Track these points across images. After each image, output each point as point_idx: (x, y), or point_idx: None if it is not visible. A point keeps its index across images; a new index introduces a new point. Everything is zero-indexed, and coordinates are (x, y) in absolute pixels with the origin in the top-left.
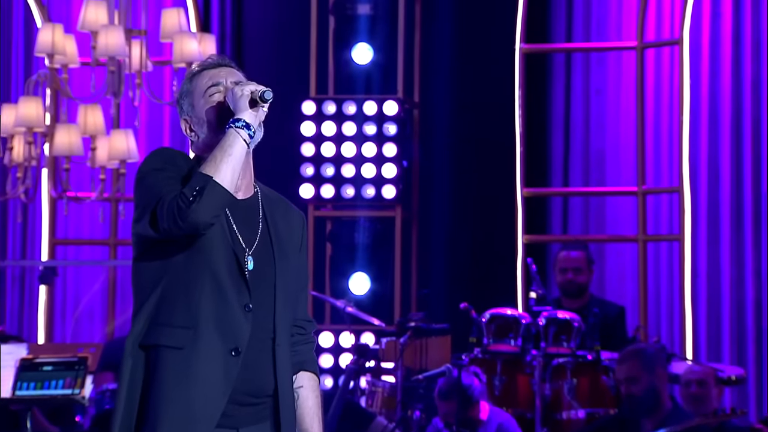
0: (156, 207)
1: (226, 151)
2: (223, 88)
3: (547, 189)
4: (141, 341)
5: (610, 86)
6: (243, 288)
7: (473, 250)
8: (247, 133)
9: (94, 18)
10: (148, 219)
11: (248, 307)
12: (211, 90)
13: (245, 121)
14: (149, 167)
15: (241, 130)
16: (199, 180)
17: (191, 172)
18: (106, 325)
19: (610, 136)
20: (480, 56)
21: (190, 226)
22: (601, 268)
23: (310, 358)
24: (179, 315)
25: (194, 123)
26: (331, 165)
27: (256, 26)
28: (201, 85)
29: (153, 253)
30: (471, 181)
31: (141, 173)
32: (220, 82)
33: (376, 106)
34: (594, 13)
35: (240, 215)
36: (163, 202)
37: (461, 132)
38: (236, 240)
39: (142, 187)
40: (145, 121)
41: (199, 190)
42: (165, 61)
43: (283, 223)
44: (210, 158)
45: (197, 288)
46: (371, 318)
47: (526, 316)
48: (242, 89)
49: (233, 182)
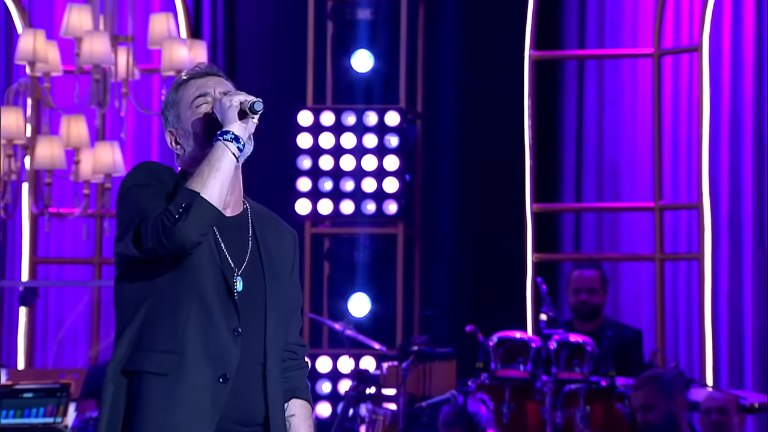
0: (140, 225)
1: (213, 166)
2: (211, 98)
3: (559, 204)
4: (123, 367)
5: (626, 95)
6: (232, 311)
7: (480, 269)
8: (236, 146)
9: (77, 23)
10: (131, 237)
11: (237, 331)
12: (198, 101)
13: (234, 134)
14: (132, 182)
15: (230, 143)
16: (185, 196)
17: (177, 188)
18: (90, 350)
19: (625, 148)
20: (487, 64)
21: (176, 246)
22: (615, 289)
23: (302, 385)
24: (164, 339)
25: (180, 135)
26: (329, 179)
27: (250, 32)
28: (187, 95)
29: (136, 274)
30: (477, 196)
31: (123, 189)
32: (208, 93)
33: (377, 116)
34: (608, 18)
35: (228, 233)
36: (147, 219)
37: (467, 144)
38: (224, 260)
39: (124, 203)
40: (131, 132)
41: (185, 207)
42: (153, 69)
43: (273, 241)
44: (197, 173)
45: (183, 311)
46: (372, 341)
47: (536, 340)
48: (230, 99)
49: (221, 198)
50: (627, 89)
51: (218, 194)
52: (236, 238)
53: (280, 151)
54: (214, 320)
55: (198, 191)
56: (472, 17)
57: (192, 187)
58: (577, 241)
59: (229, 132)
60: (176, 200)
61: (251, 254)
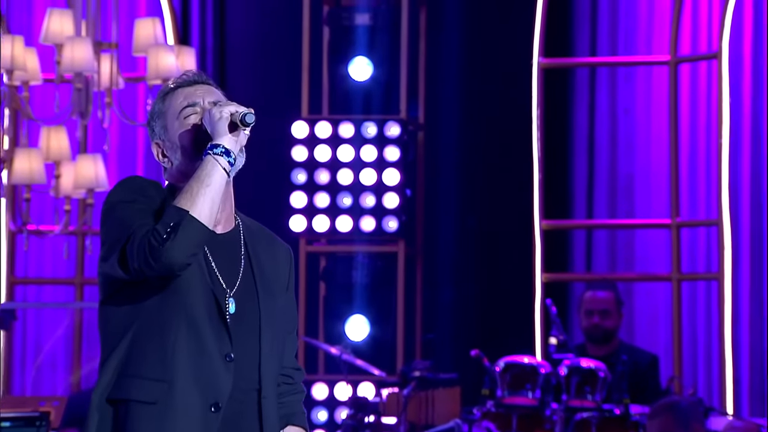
0: (125, 245)
1: (203, 182)
2: (200, 108)
3: (569, 221)
4: (109, 395)
5: (640, 105)
6: (224, 335)
7: (485, 290)
8: (227, 160)
9: (58, 29)
10: (116, 258)
11: (229, 357)
12: (187, 111)
13: (224, 147)
14: (116, 198)
15: (220, 157)
16: (173, 215)
17: (165, 204)
18: (70, 376)
19: (640, 161)
20: (493, 71)
21: (164, 267)
22: (630, 311)
23: (298, 411)
24: (152, 366)
25: (167, 148)
26: (325, 194)
27: (241, 38)
28: (175, 105)
29: (122, 296)
30: (483, 212)
31: (107, 205)
32: (197, 102)
33: (376, 127)
34: (621, 23)
35: (220, 252)
36: (134, 239)
37: (472, 157)
38: (216, 280)
39: (108, 221)
40: (115, 145)
41: (173, 226)
42: (138, 77)
43: (267, 259)
44: (185, 189)
45: (172, 335)
46: (370, 367)
47: (546, 365)
48: (220, 111)
49: (212, 216)
50: (641, 98)
51: (208, 212)
52: (228, 257)
53: (273, 164)
54: (205, 345)
55: (187, 209)
56: (477, 22)
57: (180, 204)
58: (589, 260)
59: (219, 145)
60: (164, 219)
61: (244, 273)
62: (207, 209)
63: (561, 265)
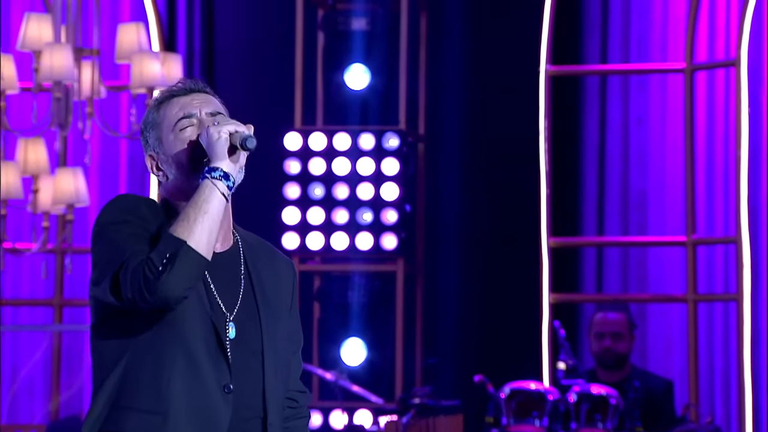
0: (118, 272)
1: (201, 208)
2: (197, 120)
3: (579, 238)
4: (101, 427)
5: (653, 115)
6: (222, 364)
7: (489, 311)
8: (226, 184)
9: (36, 35)
10: (108, 284)
11: (228, 388)
12: (183, 123)
13: (223, 171)
14: (108, 219)
15: (219, 181)
16: (170, 244)
17: (160, 227)
18: (49, 403)
19: (654, 175)
20: (497, 79)
21: (159, 301)
22: (643, 334)
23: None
24: (146, 398)
25: (162, 161)
26: (320, 210)
27: (231, 44)
28: (170, 116)
29: (115, 321)
30: (487, 228)
31: (99, 226)
32: (193, 114)
33: (374, 139)
34: (633, 29)
35: (218, 272)
36: (127, 267)
37: (475, 170)
38: (215, 304)
39: (101, 243)
40: (96, 158)
41: (170, 257)
42: (121, 86)
43: (269, 276)
44: (182, 216)
45: (167, 366)
46: (368, 393)
47: (554, 391)
48: (219, 131)
49: (210, 246)
50: (655, 108)
51: (206, 241)
52: (227, 277)
53: (264, 178)
54: (202, 376)
55: (184, 239)
56: (481, 27)
57: (177, 233)
58: (600, 279)
59: (217, 169)
60: (160, 248)
61: (244, 294)
62: (205, 238)
63: (570, 286)
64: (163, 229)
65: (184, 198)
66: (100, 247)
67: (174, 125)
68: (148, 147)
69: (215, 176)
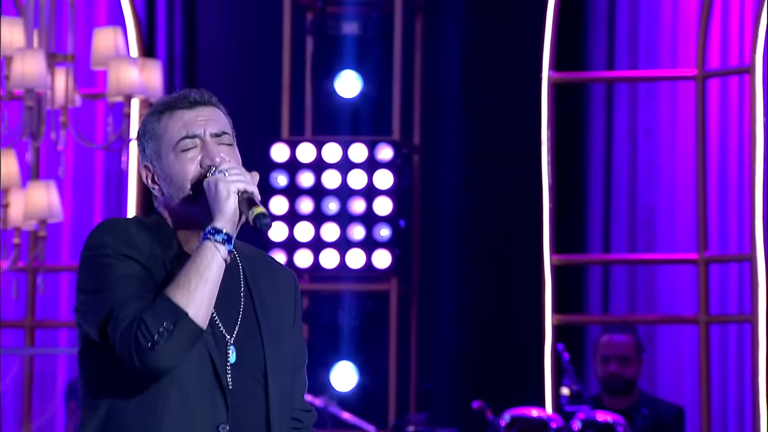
0: (107, 320)
1: (202, 275)
2: (200, 141)
3: (583, 256)
4: None
5: (663, 125)
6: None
7: (489, 333)
8: (228, 248)
9: (7, 40)
10: (96, 327)
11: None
12: (185, 143)
13: (226, 234)
14: (98, 251)
15: (221, 245)
16: (168, 313)
17: (152, 252)
18: (20, 430)
19: (663, 188)
20: (498, 87)
21: (150, 370)
22: (651, 358)
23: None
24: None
25: (159, 177)
26: (309, 225)
27: (214, 49)
28: (171, 133)
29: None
30: (486, 246)
31: (88, 252)
32: (197, 135)
33: (366, 150)
34: (642, 34)
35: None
36: (117, 320)
37: (473, 183)
38: (214, 326)
39: (89, 273)
40: (71, 170)
41: (167, 327)
42: (97, 93)
43: (270, 291)
44: (182, 280)
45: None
46: (359, 420)
47: (557, 419)
48: (227, 187)
49: (208, 314)
50: (665, 118)
51: (206, 311)
52: (226, 296)
53: None
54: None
55: (185, 309)
56: (480, 31)
57: (177, 299)
58: (606, 299)
59: (220, 231)
60: (157, 314)
61: (245, 313)
62: (205, 308)
63: (574, 306)
64: (155, 253)
65: (178, 219)
66: (88, 277)
67: (175, 144)
68: (145, 157)
69: (218, 240)
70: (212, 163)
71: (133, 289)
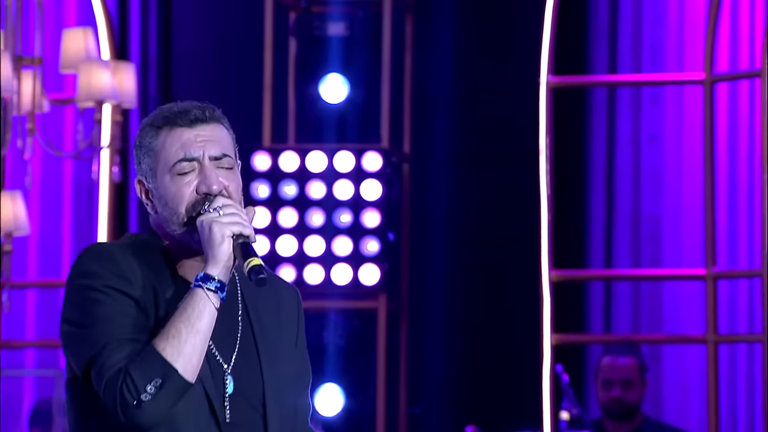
0: (91, 363)
1: (193, 325)
2: (198, 165)
3: (584, 271)
4: None
5: (668, 132)
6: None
7: (483, 353)
8: (220, 297)
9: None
10: (78, 364)
11: None
12: (182, 166)
13: (219, 281)
14: (85, 280)
15: (213, 293)
16: (156, 368)
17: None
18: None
19: (668, 199)
20: (493, 92)
21: (135, 425)
22: (656, 379)
23: None
24: None
25: (153, 196)
26: (292, 238)
27: (190, 51)
28: (169, 152)
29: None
30: (480, 261)
31: (75, 282)
32: (195, 158)
33: (353, 159)
34: (646, 35)
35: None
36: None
37: (467, 194)
38: (210, 355)
39: (75, 301)
40: (38, 180)
41: (155, 385)
42: (67, 99)
43: (270, 311)
44: (172, 331)
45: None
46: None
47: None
48: (222, 230)
49: (198, 366)
50: (670, 124)
51: (197, 363)
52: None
53: None
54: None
55: (174, 365)
56: (474, 32)
57: (166, 353)
58: (608, 318)
59: (213, 279)
60: (145, 368)
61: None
62: (195, 361)
63: (574, 325)
64: (148, 280)
65: (172, 241)
66: (73, 308)
67: (172, 166)
68: (140, 170)
69: (210, 288)
70: (209, 191)
71: (120, 330)
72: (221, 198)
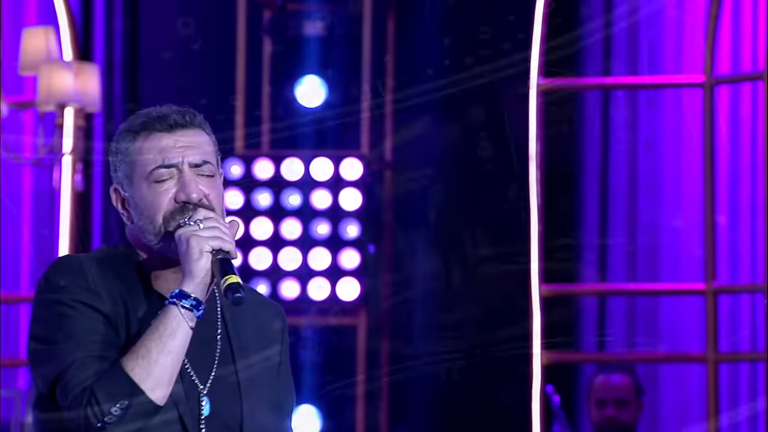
0: (56, 381)
1: (165, 345)
2: (177, 172)
3: (576, 286)
4: None
5: (666, 137)
6: None
7: (469, 373)
8: (196, 315)
9: None
10: (44, 381)
11: None
12: (160, 173)
13: (195, 299)
14: (52, 295)
15: (188, 311)
16: (122, 390)
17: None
18: None
19: (666, 208)
20: (480, 95)
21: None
22: (653, 400)
23: None
24: None
25: (129, 204)
26: (266, 250)
27: (158, 52)
28: (146, 159)
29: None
30: (466, 274)
31: (42, 296)
32: (174, 165)
33: (332, 166)
34: (642, 37)
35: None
36: (67, 387)
37: (452, 204)
38: (185, 375)
39: (42, 316)
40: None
41: (120, 407)
42: (26, 102)
43: (251, 330)
44: (142, 351)
45: None
46: None
47: None
48: (200, 245)
49: (170, 386)
50: (668, 129)
51: (167, 385)
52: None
53: None
54: None
55: (141, 387)
56: (460, 32)
57: (134, 374)
58: (602, 335)
59: (188, 296)
60: (111, 389)
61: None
62: (166, 382)
63: (565, 342)
64: (119, 295)
65: (149, 253)
66: (40, 324)
67: (149, 173)
68: (116, 177)
69: (185, 306)
70: (188, 199)
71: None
72: (203, 210)
